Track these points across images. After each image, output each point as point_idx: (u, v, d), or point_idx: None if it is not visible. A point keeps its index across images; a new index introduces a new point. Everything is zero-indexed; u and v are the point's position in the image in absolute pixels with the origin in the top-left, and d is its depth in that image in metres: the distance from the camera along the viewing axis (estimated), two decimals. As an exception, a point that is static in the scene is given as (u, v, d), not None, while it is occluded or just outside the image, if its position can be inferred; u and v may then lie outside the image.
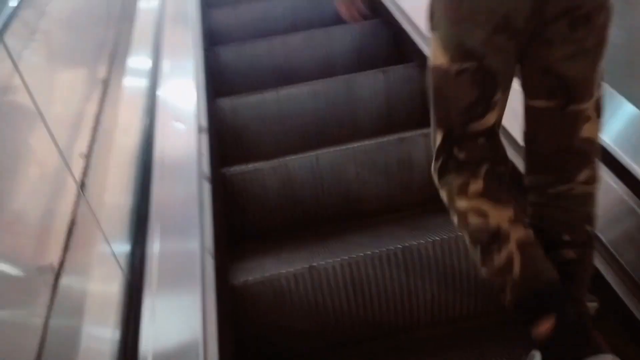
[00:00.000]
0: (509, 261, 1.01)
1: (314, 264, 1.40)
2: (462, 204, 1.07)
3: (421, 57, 2.05)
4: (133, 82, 1.83)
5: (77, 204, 1.10)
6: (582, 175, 1.08)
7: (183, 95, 1.79)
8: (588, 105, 1.04)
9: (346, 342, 1.44)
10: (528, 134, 1.12)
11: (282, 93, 2.11)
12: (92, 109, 1.47)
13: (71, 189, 1.13)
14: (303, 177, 1.76)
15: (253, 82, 2.31)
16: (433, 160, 1.12)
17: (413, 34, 2.22)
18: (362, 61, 2.41)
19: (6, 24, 1.06)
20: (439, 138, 1.09)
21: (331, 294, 1.40)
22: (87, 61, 1.70)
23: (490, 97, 1.04)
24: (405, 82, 2.13)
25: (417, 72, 2.09)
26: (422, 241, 1.42)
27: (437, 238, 1.42)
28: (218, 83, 2.31)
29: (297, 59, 2.45)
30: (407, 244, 1.42)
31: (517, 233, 1.02)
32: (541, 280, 1.01)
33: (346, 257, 1.40)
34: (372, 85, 2.13)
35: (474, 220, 1.05)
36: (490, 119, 1.06)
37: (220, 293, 1.21)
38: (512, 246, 1.01)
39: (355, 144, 1.78)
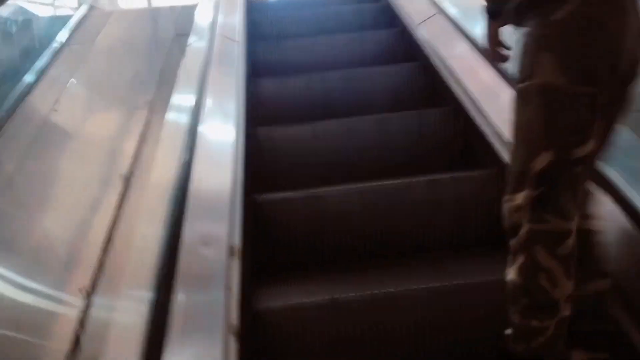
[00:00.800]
0: (543, 331, 1.06)
1: (337, 296, 1.42)
2: (542, 257, 1.04)
3: (455, 102, 2.08)
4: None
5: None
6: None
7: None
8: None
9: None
10: None
11: (319, 127, 2.14)
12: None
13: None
14: (332, 211, 1.78)
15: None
16: (524, 188, 1.06)
17: (450, 81, 2.20)
18: (398, 102, 2.42)
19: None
20: (543, 162, 1.04)
21: (354, 328, 1.40)
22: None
23: (594, 123, 1.06)
24: (440, 125, 2.14)
25: (453, 116, 2.12)
26: (446, 283, 1.42)
27: (462, 282, 1.42)
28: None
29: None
30: (430, 285, 1.42)
31: (564, 312, 1.07)
32: (553, 355, 1.09)
33: (369, 293, 1.42)
34: (406, 126, 2.15)
35: (543, 281, 1.05)
36: (589, 146, 1.07)
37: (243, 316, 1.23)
38: (554, 321, 1.06)
39: (387, 182, 1.81)
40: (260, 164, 2.00)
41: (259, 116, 2.26)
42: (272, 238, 1.74)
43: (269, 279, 1.59)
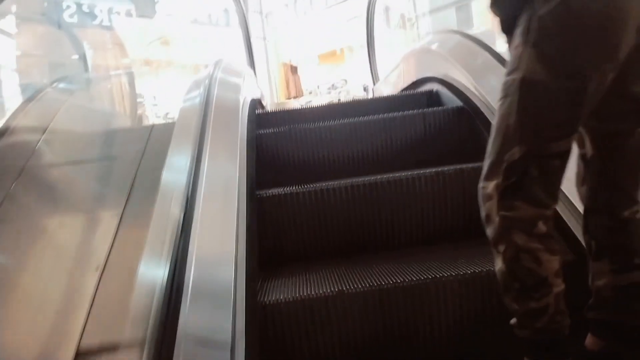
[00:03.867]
0: (543, 310, 1.08)
1: (344, 288, 1.43)
2: (521, 240, 1.07)
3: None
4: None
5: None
6: None
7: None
8: None
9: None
10: (599, 157, 1.16)
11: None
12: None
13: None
14: (337, 205, 1.80)
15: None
16: (495, 177, 1.09)
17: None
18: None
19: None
20: (515, 154, 1.06)
21: (360, 320, 1.42)
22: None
23: (578, 119, 1.07)
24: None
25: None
26: (452, 273, 1.43)
27: (469, 272, 1.43)
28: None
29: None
30: (437, 275, 1.43)
31: (558, 287, 1.09)
32: (561, 332, 1.10)
33: (376, 284, 1.43)
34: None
35: (527, 263, 1.07)
36: (570, 142, 1.08)
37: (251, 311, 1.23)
38: (550, 299, 1.08)
39: (390, 175, 1.82)
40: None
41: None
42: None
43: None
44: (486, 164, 1.12)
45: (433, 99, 2.74)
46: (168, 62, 10.40)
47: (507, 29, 1.13)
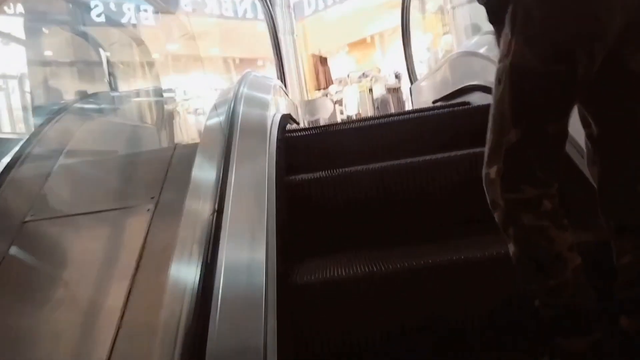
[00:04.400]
0: (563, 286, 1.08)
1: (375, 269, 1.37)
2: (528, 220, 1.08)
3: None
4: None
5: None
6: None
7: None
8: None
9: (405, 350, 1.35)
10: (605, 137, 1.16)
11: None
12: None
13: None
14: (367, 188, 1.67)
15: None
16: (496, 162, 1.09)
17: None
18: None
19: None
20: (513, 138, 1.07)
21: (392, 301, 1.36)
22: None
23: (570, 101, 1.08)
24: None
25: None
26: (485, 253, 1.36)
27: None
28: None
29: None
30: (470, 256, 1.36)
31: (574, 262, 1.08)
32: (584, 306, 1.08)
33: (407, 264, 1.37)
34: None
35: (537, 241, 1.08)
36: (565, 123, 1.09)
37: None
38: (568, 273, 1.07)
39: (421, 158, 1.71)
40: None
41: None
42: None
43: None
44: (486, 150, 1.13)
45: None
46: (196, 57, 10.37)
47: (495, 19, 1.13)
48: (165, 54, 9.33)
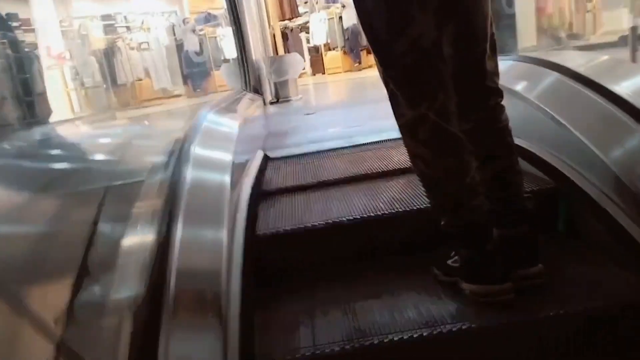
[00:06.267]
0: (447, 201, 1.25)
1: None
2: (409, 144, 1.24)
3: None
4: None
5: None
6: (492, 101, 1.29)
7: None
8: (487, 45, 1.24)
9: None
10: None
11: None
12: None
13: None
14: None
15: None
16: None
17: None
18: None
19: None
20: (375, 63, 1.22)
21: None
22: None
23: (406, 13, 1.13)
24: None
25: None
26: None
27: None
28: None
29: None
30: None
31: (460, 180, 1.23)
32: (471, 219, 1.24)
33: None
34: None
35: (420, 165, 1.24)
36: (409, 39, 1.14)
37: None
38: (455, 189, 1.23)
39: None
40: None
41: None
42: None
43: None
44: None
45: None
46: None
47: None
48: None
